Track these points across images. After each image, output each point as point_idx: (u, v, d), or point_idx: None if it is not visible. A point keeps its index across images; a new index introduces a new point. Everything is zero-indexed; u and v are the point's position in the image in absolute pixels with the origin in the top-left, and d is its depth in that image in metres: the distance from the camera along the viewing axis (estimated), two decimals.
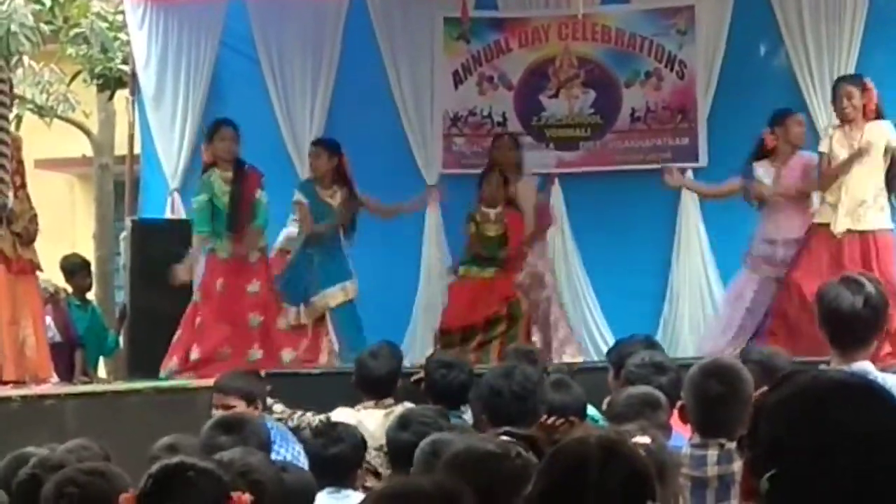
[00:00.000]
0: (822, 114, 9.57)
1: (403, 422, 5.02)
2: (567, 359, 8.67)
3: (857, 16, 9.63)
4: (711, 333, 9.01)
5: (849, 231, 8.30)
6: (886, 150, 8.31)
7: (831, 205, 8.42)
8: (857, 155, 8.27)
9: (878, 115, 8.38)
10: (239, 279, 8.96)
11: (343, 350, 9.04)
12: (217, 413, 6.16)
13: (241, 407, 6.11)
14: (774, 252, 8.61)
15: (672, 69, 10.16)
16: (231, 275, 8.95)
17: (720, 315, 9.07)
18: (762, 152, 8.71)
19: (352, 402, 6.76)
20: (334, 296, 9.19)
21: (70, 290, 10.77)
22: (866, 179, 8.34)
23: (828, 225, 8.36)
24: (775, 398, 1.95)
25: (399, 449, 4.78)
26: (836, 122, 8.56)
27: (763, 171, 8.69)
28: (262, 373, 7.57)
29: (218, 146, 8.97)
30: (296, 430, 6.13)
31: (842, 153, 8.36)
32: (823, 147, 8.49)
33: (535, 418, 4.64)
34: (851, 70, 9.52)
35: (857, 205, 8.32)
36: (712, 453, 3.97)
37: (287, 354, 8.98)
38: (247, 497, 2.66)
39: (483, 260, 9.10)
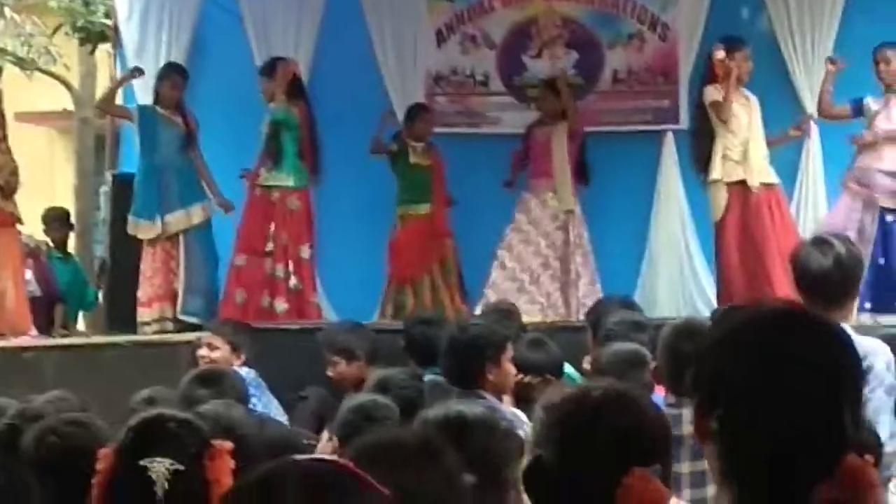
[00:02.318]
0: (804, 78, 9.60)
1: (383, 385, 5.03)
2: None
3: None
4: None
5: (762, 184, 8.82)
6: None
7: (736, 161, 8.82)
8: None
9: None
10: None
11: (191, 277, 9.28)
12: (201, 352, 6.28)
13: (225, 351, 6.23)
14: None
15: (655, 31, 10.15)
16: None
17: None
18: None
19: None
20: (195, 214, 9.38)
21: (51, 242, 10.76)
22: (762, 139, 8.92)
23: (739, 182, 8.79)
24: (715, 335, 1.93)
25: None
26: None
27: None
28: None
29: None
30: None
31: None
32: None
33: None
34: (833, 35, 9.57)
35: (762, 159, 8.87)
36: (687, 412, 3.97)
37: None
38: (228, 444, 2.67)
39: (416, 195, 9.41)
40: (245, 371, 6.30)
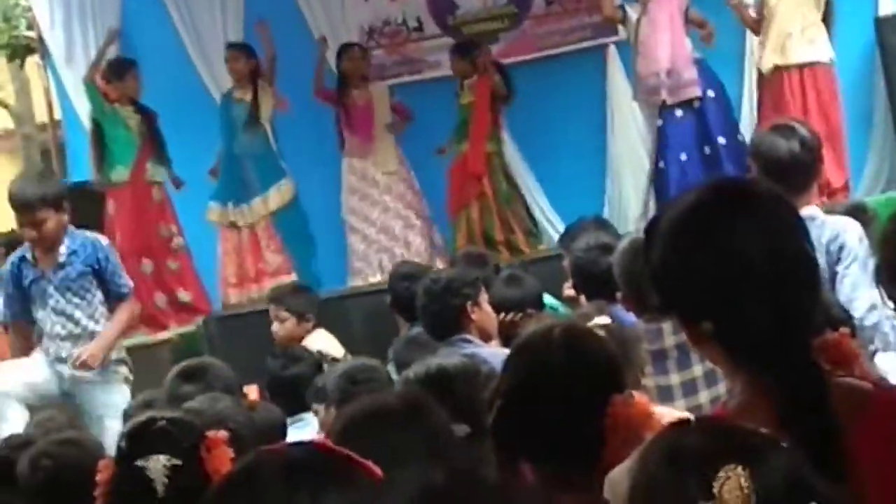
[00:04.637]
0: None
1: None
2: None
3: None
4: None
5: (778, 67, 8.29)
6: None
7: (762, 45, 8.46)
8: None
9: None
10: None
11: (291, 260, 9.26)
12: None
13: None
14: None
15: None
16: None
17: None
18: None
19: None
20: (273, 198, 9.29)
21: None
22: (793, 12, 8.27)
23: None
24: (657, 257, 1.92)
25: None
26: None
27: None
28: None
29: (130, 85, 9.16)
30: None
31: None
32: None
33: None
34: None
35: (784, 38, 8.28)
36: (667, 325, 3.95)
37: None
38: (223, 434, 2.68)
39: (458, 133, 9.26)
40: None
